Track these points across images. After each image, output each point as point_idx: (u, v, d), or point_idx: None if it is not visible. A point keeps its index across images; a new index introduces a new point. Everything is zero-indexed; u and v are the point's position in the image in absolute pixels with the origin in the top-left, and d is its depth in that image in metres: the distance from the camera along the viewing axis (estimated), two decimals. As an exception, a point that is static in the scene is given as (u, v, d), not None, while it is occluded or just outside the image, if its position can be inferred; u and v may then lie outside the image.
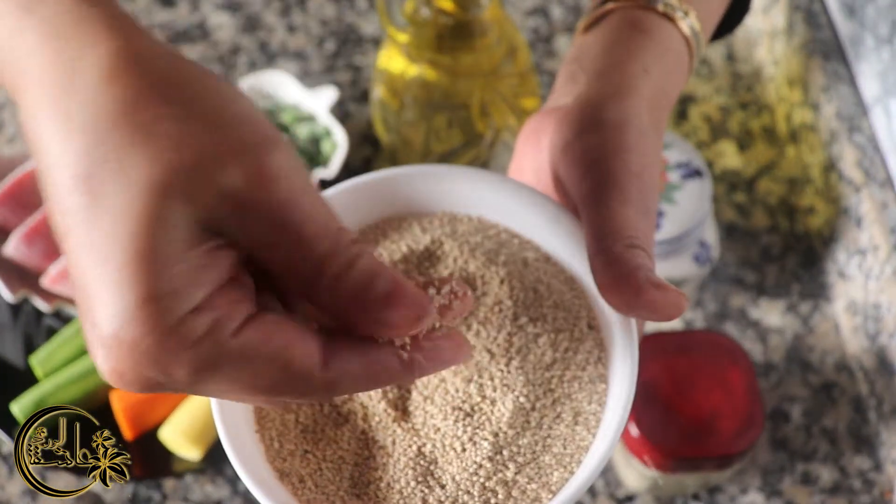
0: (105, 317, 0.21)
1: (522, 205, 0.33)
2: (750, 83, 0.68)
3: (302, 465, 0.30)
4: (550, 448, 0.30)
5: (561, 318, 0.32)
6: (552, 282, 0.33)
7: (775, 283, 0.60)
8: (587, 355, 0.31)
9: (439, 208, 0.34)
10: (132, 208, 0.21)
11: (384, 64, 0.54)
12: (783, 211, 0.63)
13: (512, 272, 0.32)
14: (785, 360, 0.57)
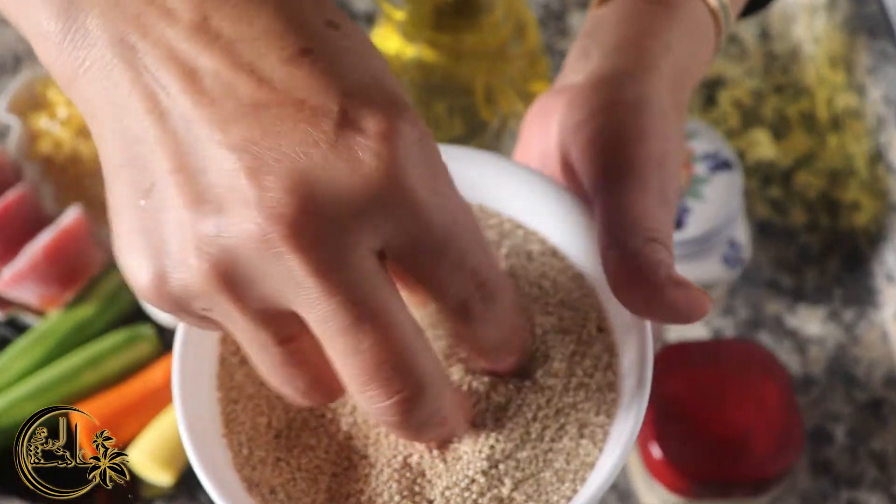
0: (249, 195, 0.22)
1: (529, 192, 0.34)
2: (786, 64, 0.69)
3: (274, 474, 0.30)
4: (552, 463, 0.30)
5: (568, 319, 0.32)
6: (559, 278, 0.33)
7: (815, 287, 0.60)
8: (595, 360, 0.32)
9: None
10: None
11: (379, 44, 0.54)
12: (824, 207, 0.63)
13: (514, 266, 0.33)
14: (826, 373, 0.57)
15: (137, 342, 0.56)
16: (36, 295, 0.56)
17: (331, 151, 0.22)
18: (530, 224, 0.34)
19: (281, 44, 0.22)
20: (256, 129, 0.22)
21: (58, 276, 0.56)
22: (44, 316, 0.57)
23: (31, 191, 0.58)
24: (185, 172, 0.22)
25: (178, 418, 0.29)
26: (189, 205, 0.22)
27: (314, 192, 0.21)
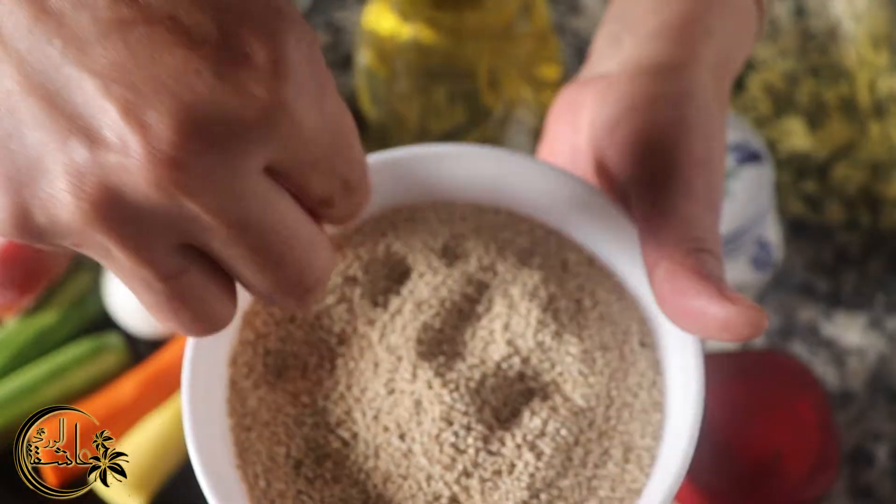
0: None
1: (562, 196, 0.33)
2: (824, 44, 0.68)
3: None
4: (597, 491, 0.30)
5: (608, 334, 0.32)
6: (597, 290, 0.33)
7: (854, 292, 0.60)
8: (640, 378, 0.32)
9: (461, 197, 0.35)
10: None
11: (372, 23, 0.55)
12: (864, 203, 0.62)
13: (548, 277, 0.33)
14: (867, 387, 0.57)
15: (104, 353, 0.56)
16: (-6, 300, 0.55)
17: (217, 84, 0.21)
18: (564, 230, 0.34)
19: None
20: (124, 53, 0.21)
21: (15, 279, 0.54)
22: (0, 324, 0.57)
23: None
24: (41, 93, 0.21)
25: (189, 448, 0.30)
26: (55, 133, 0.21)
27: (203, 129, 0.21)
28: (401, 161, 0.34)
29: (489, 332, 0.32)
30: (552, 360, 0.32)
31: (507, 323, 0.32)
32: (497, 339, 0.32)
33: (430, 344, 0.32)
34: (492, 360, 0.32)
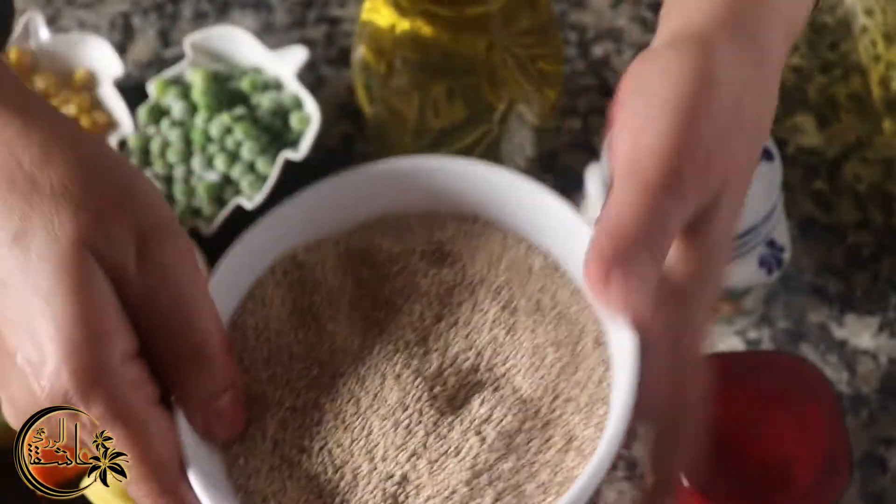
0: (47, 345, 0.32)
1: (532, 206, 0.39)
2: (835, 38, 0.69)
3: (267, 483, 0.36)
4: (537, 475, 0.34)
5: (563, 332, 0.37)
6: (558, 292, 0.38)
7: (866, 293, 0.60)
8: (589, 374, 0.36)
9: (444, 206, 0.41)
10: (64, 257, 0.32)
11: (368, 16, 0.54)
12: (877, 202, 0.63)
13: (512, 279, 0.38)
14: (879, 391, 0.57)
15: None
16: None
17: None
18: (533, 238, 0.39)
19: None
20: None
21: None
22: None
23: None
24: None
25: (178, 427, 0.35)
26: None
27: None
28: (388, 172, 0.41)
29: (453, 328, 0.38)
30: (505, 353, 0.37)
31: (469, 319, 0.38)
32: (458, 334, 0.38)
33: (406, 338, 0.38)
34: (451, 352, 0.37)
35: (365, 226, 0.41)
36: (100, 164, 0.34)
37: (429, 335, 0.38)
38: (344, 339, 0.39)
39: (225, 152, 0.60)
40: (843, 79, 0.67)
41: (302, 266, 0.41)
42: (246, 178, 0.60)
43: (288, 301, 0.40)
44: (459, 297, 0.39)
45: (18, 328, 0.32)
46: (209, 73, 0.62)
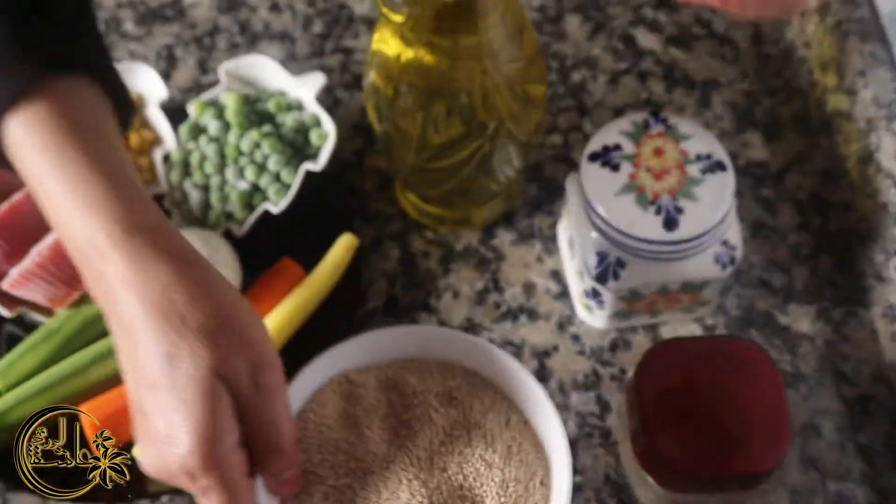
0: (184, 437, 0.39)
1: (515, 377, 0.50)
2: (779, 67, 0.69)
3: None
4: None
5: (522, 473, 0.47)
6: (524, 443, 0.49)
7: (806, 286, 0.60)
8: (535, 502, 0.47)
9: (456, 361, 0.52)
10: (202, 379, 0.39)
11: (377, 46, 0.54)
12: (815, 207, 0.63)
13: (494, 429, 0.49)
14: (816, 370, 0.57)
15: None
16: (43, 294, 0.56)
17: None
18: (512, 396, 0.50)
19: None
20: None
21: (65, 275, 0.55)
22: (51, 314, 0.57)
23: (39, 191, 0.58)
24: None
25: (259, 492, 0.45)
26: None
27: None
28: (421, 331, 0.53)
29: (451, 455, 0.48)
30: (482, 481, 0.47)
31: (462, 451, 0.49)
32: (454, 460, 0.48)
33: (418, 456, 0.48)
34: (447, 472, 0.48)
35: (399, 363, 0.51)
36: (229, 311, 0.40)
37: (434, 455, 0.48)
38: (375, 443, 0.48)
39: (254, 164, 0.60)
40: (786, 101, 0.67)
41: (352, 383, 0.51)
42: (272, 187, 0.60)
43: (339, 406, 0.50)
44: (458, 433, 0.49)
45: (164, 417, 0.39)
46: (241, 96, 0.62)
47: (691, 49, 0.69)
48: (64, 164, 0.40)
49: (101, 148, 0.41)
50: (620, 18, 0.71)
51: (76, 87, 0.41)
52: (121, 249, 0.39)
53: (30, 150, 0.40)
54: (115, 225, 0.39)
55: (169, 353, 0.39)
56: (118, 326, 0.41)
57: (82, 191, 0.40)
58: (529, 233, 0.63)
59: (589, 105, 0.68)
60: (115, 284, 0.40)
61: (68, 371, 0.55)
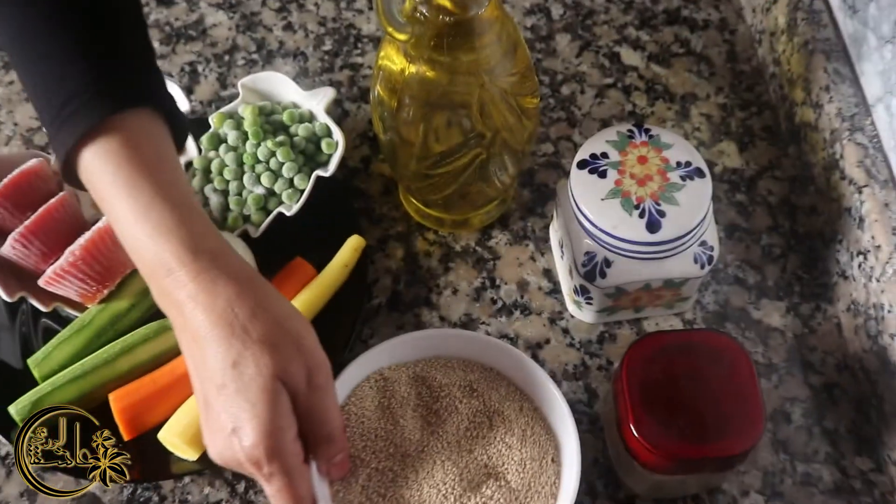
0: (250, 432, 0.41)
1: (525, 368, 0.52)
2: (751, 82, 0.68)
3: None
4: None
5: (536, 452, 0.50)
6: (535, 426, 0.51)
7: (776, 283, 0.60)
8: (548, 478, 0.49)
9: (475, 358, 0.54)
10: (265, 382, 0.41)
11: (382, 62, 0.54)
12: (784, 211, 0.63)
13: (510, 415, 0.51)
14: (786, 360, 0.57)
15: (166, 333, 0.55)
16: (76, 290, 0.55)
17: None
18: (523, 387, 0.52)
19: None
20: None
21: (95, 274, 0.55)
22: (83, 309, 0.56)
23: (71, 197, 0.57)
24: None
25: (313, 474, 0.46)
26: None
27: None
28: (445, 333, 0.54)
29: (475, 438, 0.51)
30: (503, 460, 0.50)
31: (485, 435, 0.51)
32: (478, 443, 0.50)
33: (447, 441, 0.50)
34: (473, 454, 0.50)
35: (426, 361, 0.53)
36: (286, 322, 0.42)
37: (461, 440, 0.50)
38: (410, 431, 0.51)
39: (269, 171, 0.60)
40: (758, 114, 0.67)
41: (387, 379, 0.53)
42: (286, 192, 0.59)
43: (376, 399, 0.52)
44: (480, 419, 0.51)
45: (232, 414, 0.41)
46: (257, 108, 0.61)
47: (671, 66, 0.69)
48: (135, 192, 0.41)
49: (167, 177, 0.42)
50: (606, 37, 0.71)
51: (143, 119, 0.42)
52: (188, 269, 0.41)
53: (103, 178, 0.41)
54: (182, 247, 0.41)
55: (235, 361, 0.41)
56: (186, 336, 0.42)
57: (153, 217, 0.41)
58: (523, 234, 0.62)
59: (578, 117, 0.67)
60: (183, 299, 0.41)
61: (98, 361, 0.54)
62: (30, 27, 0.41)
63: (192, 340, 0.42)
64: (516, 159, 0.57)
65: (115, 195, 0.41)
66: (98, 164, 0.41)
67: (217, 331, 0.41)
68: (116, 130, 0.41)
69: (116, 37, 0.43)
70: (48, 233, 0.55)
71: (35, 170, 0.57)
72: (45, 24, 0.41)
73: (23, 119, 0.68)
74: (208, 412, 0.42)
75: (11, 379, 0.55)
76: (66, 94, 0.41)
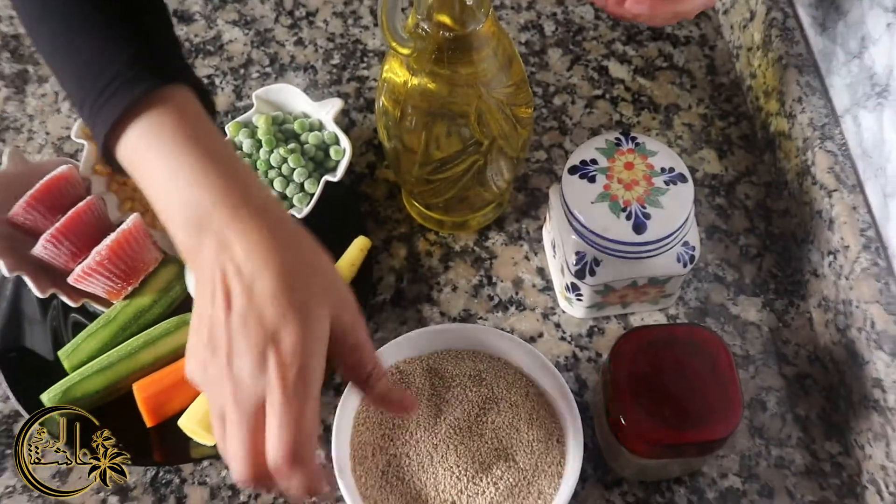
0: (291, 334, 0.37)
1: (530, 356, 0.52)
2: (729, 94, 0.68)
3: (378, 494, 0.48)
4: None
5: (542, 434, 0.50)
6: (541, 410, 0.51)
7: (753, 281, 0.60)
8: (553, 458, 0.49)
9: (483, 350, 0.53)
10: (315, 310, 0.38)
11: (387, 75, 0.53)
12: (760, 214, 0.62)
13: (517, 400, 0.51)
14: (762, 352, 0.57)
15: (186, 327, 0.53)
16: (102, 287, 0.55)
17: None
18: (529, 373, 0.52)
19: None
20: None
21: (120, 272, 0.55)
22: (109, 305, 0.56)
23: (98, 200, 0.57)
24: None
25: (334, 460, 0.48)
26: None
27: None
28: (455, 328, 0.53)
29: (485, 423, 0.50)
30: (513, 442, 0.50)
31: (494, 420, 0.50)
32: (488, 427, 0.50)
33: (459, 426, 0.50)
34: (484, 437, 0.50)
35: (437, 354, 0.54)
36: (330, 274, 0.40)
37: (472, 425, 0.50)
38: (425, 418, 0.51)
39: (282, 176, 0.59)
40: (736, 123, 0.67)
41: (402, 372, 0.53)
42: (297, 196, 0.59)
43: None
44: (489, 406, 0.51)
45: (277, 316, 0.37)
46: (270, 118, 0.61)
47: (655, 78, 0.69)
48: (187, 150, 0.39)
49: (214, 139, 0.40)
50: (595, 52, 0.70)
51: (183, 93, 0.41)
52: (243, 221, 0.38)
53: (153, 144, 0.39)
54: (236, 195, 0.38)
55: (291, 285, 0.37)
56: (236, 278, 0.38)
57: (203, 169, 0.38)
58: (518, 235, 0.62)
59: (569, 126, 0.67)
60: (236, 250, 0.37)
61: (123, 353, 0.54)
62: (65, 16, 0.40)
63: (243, 288, 0.37)
64: (512, 165, 0.57)
65: (166, 154, 0.39)
66: (148, 131, 0.39)
67: (272, 268, 0.37)
68: (161, 102, 0.39)
69: (150, 24, 0.42)
70: (77, 234, 0.55)
71: (65, 175, 0.57)
72: (80, 10, 0.40)
73: (54, 129, 0.68)
74: (239, 320, 0.37)
75: (44, 369, 0.55)
76: (110, 74, 0.39)
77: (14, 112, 0.69)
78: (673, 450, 0.47)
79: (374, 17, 0.72)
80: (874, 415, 0.50)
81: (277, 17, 0.73)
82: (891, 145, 0.53)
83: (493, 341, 0.53)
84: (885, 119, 0.53)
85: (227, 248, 0.38)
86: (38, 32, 0.42)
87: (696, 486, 0.52)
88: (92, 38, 0.40)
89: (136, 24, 0.41)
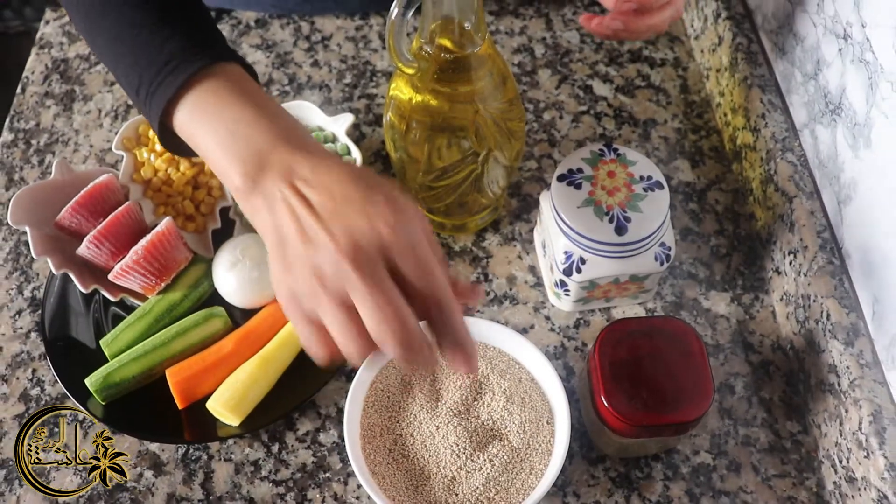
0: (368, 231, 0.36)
1: (524, 347, 0.51)
2: (700, 110, 0.68)
3: (386, 470, 0.48)
4: (516, 484, 0.47)
5: (533, 415, 0.49)
6: (532, 394, 0.50)
7: (722, 278, 0.59)
8: (544, 438, 0.49)
9: (483, 340, 0.52)
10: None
11: (393, 92, 0.53)
12: (729, 217, 0.62)
13: (512, 385, 0.50)
14: (730, 342, 0.56)
15: (213, 319, 0.54)
16: (139, 283, 0.54)
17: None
18: (523, 361, 0.51)
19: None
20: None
21: (155, 269, 0.54)
22: (145, 299, 0.56)
23: (135, 206, 0.56)
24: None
25: (346, 439, 0.48)
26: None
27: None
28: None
29: (482, 406, 0.50)
30: (506, 423, 0.49)
31: (489, 403, 0.50)
32: (484, 410, 0.49)
33: (458, 409, 0.49)
34: (481, 419, 0.49)
35: None
36: (396, 198, 0.37)
37: (469, 408, 0.50)
38: (428, 402, 0.50)
39: (300, 183, 0.58)
40: (706, 137, 0.66)
41: None
42: (314, 201, 0.58)
43: (398, 378, 0.51)
44: (485, 390, 0.50)
45: (356, 215, 0.35)
46: (290, 131, 0.60)
47: (635, 96, 0.68)
48: (243, 105, 0.38)
49: (268, 100, 0.40)
50: (580, 72, 0.70)
51: (233, 67, 0.41)
52: (303, 154, 0.36)
53: (211, 102, 0.38)
54: (291, 142, 0.37)
55: (368, 197, 0.36)
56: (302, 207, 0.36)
57: (267, 121, 0.38)
58: (512, 236, 0.61)
59: (557, 138, 0.66)
60: (301, 170, 0.36)
61: (157, 343, 0.53)
62: (122, 14, 0.40)
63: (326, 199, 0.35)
64: (506, 174, 0.56)
65: (227, 108, 0.38)
66: (202, 97, 0.38)
67: (342, 172, 0.36)
68: (214, 75, 0.39)
69: (195, 12, 0.42)
70: (116, 236, 0.54)
71: (106, 183, 0.56)
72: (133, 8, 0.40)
73: (97, 142, 0.67)
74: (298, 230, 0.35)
75: (87, 357, 0.54)
76: (166, 56, 0.39)
77: (62, 127, 0.68)
78: (651, 430, 0.47)
79: (382, 40, 0.72)
80: (829, 397, 0.50)
81: (296, 41, 0.72)
82: (843, 157, 0.52)
83: (489, 332, 0.52)
84: (837, 134, 0.53)
85: (291, 172, 0.36)
86: (97, 31, 0.41)
87: (672, 462, 0.51)
88: (145, 30, 0.40)
89: (187, 12, 0.41)
